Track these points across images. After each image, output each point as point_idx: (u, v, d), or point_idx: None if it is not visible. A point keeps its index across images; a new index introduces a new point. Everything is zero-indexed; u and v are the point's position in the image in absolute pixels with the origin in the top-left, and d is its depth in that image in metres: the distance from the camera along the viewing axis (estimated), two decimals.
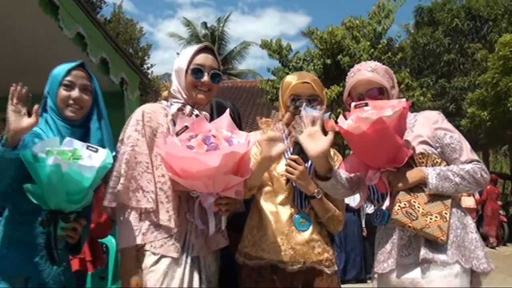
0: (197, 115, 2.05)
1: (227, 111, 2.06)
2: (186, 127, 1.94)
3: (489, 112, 12.89)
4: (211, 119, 2.13)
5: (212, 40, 26.39)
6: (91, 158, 1.76)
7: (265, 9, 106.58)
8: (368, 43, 11.37)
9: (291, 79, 2.23)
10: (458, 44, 19.66)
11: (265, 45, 12.18)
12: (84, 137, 1.91)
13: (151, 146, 1.97)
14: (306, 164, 2.07)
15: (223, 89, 16.23)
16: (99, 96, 2.01)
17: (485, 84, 13.00)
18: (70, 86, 1.91)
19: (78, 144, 1.80)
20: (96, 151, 1.80)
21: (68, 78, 1.92)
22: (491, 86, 12.57)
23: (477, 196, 11.72)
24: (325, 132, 1.98)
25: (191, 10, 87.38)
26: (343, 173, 2.08)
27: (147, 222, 1.93)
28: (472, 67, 18.86)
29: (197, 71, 2.07)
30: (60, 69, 1.95)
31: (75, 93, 1.91)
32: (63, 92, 1.91)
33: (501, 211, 12.50)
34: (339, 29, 11.81)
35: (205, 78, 2.07)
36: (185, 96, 2.09)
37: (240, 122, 2.62)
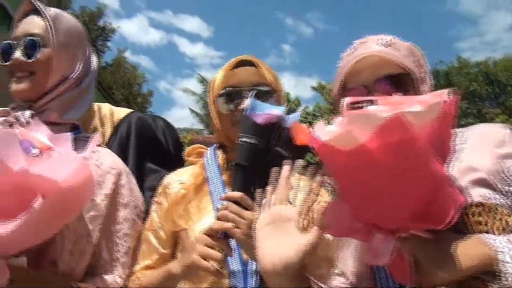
0: (27, 122, 1.24)
1: (68, 134, 1.25)
2: None
3: None
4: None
5: None
6: None
7: (281, 73, 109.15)
8: None
9: (223, 68, 1.33)
10: (476, 109, 19.22)
11: None
12: None
13: None
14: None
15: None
16: None
17: None
18: None
19: None
20: None
21: None
22: None
23: None
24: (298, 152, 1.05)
25: (210, 70, 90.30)
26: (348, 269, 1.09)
27: None
28: None
29: (6, 48, 1.28)
30: None
31: None
32: None
33: None
34: None
35: (15, 54, 1.26)
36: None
37: (180, 149, 1.80)
